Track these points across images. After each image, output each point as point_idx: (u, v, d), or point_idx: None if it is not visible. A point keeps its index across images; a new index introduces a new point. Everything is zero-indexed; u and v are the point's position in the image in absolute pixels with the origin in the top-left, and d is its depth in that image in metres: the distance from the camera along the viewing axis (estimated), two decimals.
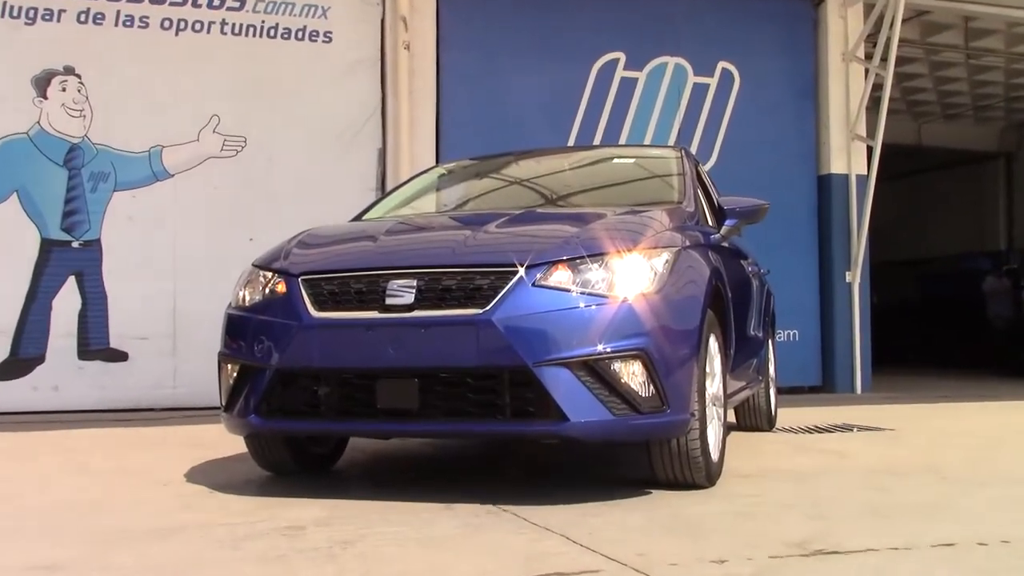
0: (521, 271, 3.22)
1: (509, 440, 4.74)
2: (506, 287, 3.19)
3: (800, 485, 3.74)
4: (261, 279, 3.63)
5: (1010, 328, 13.53)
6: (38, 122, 7.40)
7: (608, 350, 3.15)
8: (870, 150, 9.33)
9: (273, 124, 7.86)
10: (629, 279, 3.26)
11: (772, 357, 6.10)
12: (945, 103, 13.73)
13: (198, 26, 7.72)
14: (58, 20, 7.45)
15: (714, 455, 3.63)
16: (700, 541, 2.71)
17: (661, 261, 3.37)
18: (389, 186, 7.70)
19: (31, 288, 7.29)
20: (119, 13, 7.56)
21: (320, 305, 3.37)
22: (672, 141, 8.94)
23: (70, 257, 7.40)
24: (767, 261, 6.23)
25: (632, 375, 3.18)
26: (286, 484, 3.77)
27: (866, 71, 9.42)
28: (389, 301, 3.26)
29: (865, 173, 9.40)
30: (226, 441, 4.77)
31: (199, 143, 7.69)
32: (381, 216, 4.58)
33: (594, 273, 3.26)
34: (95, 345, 7.39)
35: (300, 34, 7.97)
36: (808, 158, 9.55)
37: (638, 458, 3.87)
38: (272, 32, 7.91)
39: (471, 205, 4.90)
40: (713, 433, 3.65)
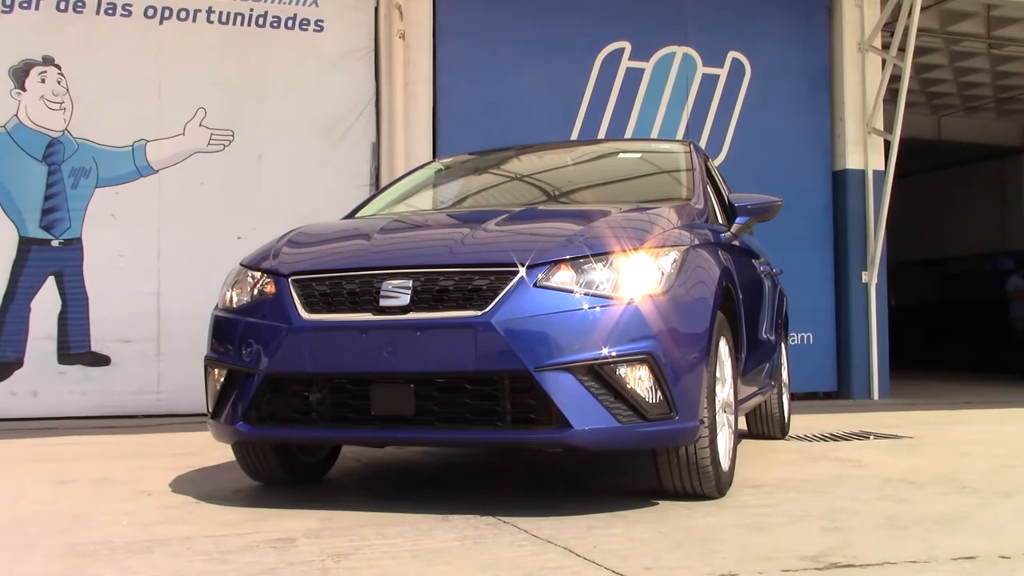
0: (522, 271, 3.22)
1: (509, 449, 4.74)
2: (506, 288, 3.19)
3: (814, 496, 3.74)
4: (249, 279, 3.63)
5: None
6: (16, 115, 7.40)
7: (613, 354, 3.15)
8: (887, 144, 9.34)
9: (262, 117, 7.86)
10: (635, 279, 3.26)
11: (785, 361, 6.10)
12: (966, 95, 13.73)
13: (183, 14, 7.73)
14: (37, 8, 7.46)
15: (724, 464, 3.63)
16: (709, 554, 2.70)
17: (669, 261, 3.37)
18: (383, 182, 7.71)
19: (8, 289, 7.30)
20: (101, 1, 7.57)
21: (311, 307, 3.37)
22: (680, 135, 8.95)
23: (50, 256, 7.41)
24: (780, 261, 6.23)
25: (639, 380, 3.18)
26: (276, 494, 3.76)
27: (883, 62, 9.43)
28: (383, 303, 3.26)
29: (882, 168, 9.41)
30: (213, 449, 4.77)
31: (185, 137, 7.70)
32: (375, 213, 4.58)
33: (598, 273, 3.26)
34: (76, 348, 7.39)
35: (290, 23, 7.98)
36: (823, 153, 9.55)
37: (645, 467, 3.87)
38: (261, 21, 7.91)
39: (469, 202, 4.90)
40: (723, 441, 3.65)
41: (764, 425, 5.79)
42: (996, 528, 3.15)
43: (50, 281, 7.40)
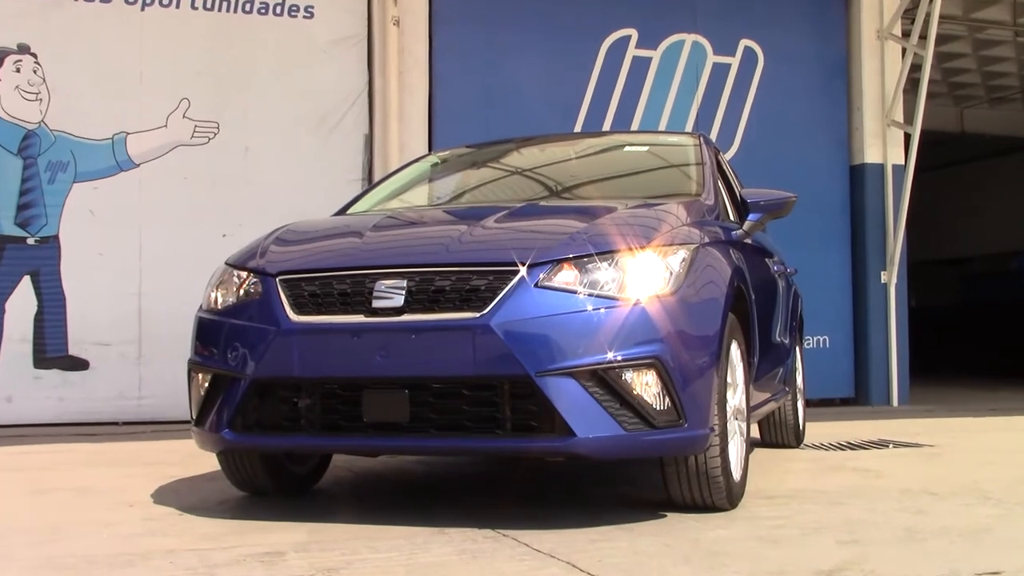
0: (522, 271, 3.22)
1: (509, 458, 4.74)
2: (506, 288, 3.19)
3: (830, 507, 3.74)
4: (235, 279, 3.63)
5: None
6: None
7: (619, 358, 3.15)
8: (908, 137, 9.33)
9: (249, 109, 7.86)
10: (642, 279, 3.26)
11: (800, 366, 6.10)
12: (990, 85, 13.73)
13: (166, 0, 7.73)
14: None
15: (736, 474, 3.63)
16: (720, 569, 2.70)
17: (677, 260, 3.37)
18: (376, 177, 7.70)
19: None
20: None
21: (300, 308, 3.37)
22: (689, 127, 8.95)
23: (25, 255, 7.40)
24: (794, 260, 6.23)
25: (646, 386, 3.18)
26: (263, 506, 3.76)
27: (903, 50, 9.43)
28: (376, 304, 3.27)
29: (902, 163, 9.40)
30: (197, 458, 4.77)
31: (167, 129, 7.70)
32: (368, 210, 4.58)
33: (603, 273, 3.26)
34: (52, 352, 7.39)
35: (279, 9, 7.98)
36: (839, 146, 9.55)
37: (652, 477, 3.87)
38: (248, 7, 7.92)
39: (467, 198, 4.90)
40: (735, 450, 3.65)
41: (778, 433, 5.79)
42: (1022, 541, 3.15)
43: (25, 281, 7.40)
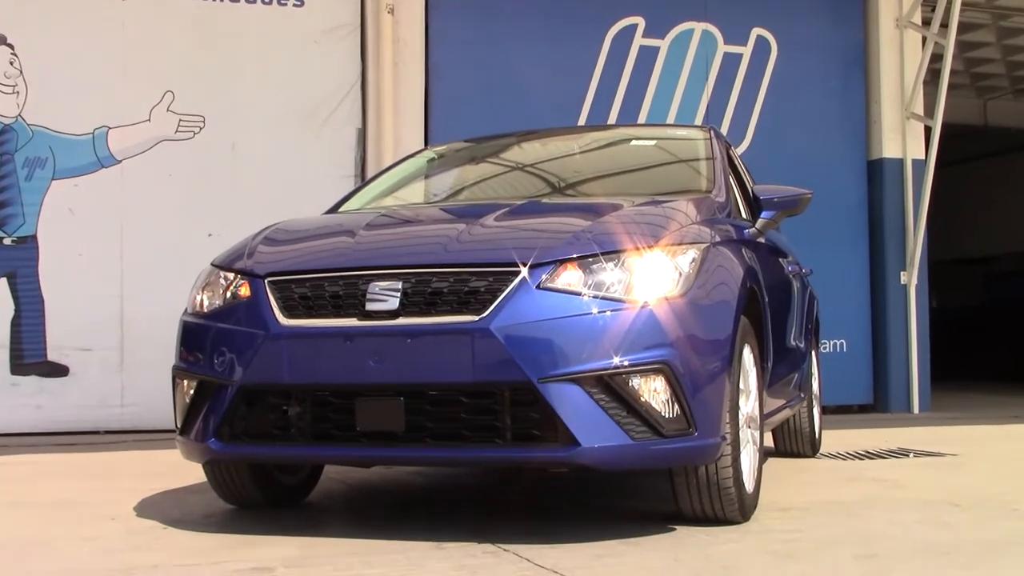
0: (524, 271, 3.22)
1: (510, 469, 4.73)
2: (506, 290, 3.19)
3: (847, 520, 3.73)
4: (222, 281, 3.63)
5: None
6: None
7: (626, 363, 3.14)
8: (928, 131, 9.33)
9: (236, 102, 7.86)
10: (650, 281, 3.26)
11: (816, 371, 6.10)
12: (1016, 76, 13.72)
13: None
14: None
15: (748, 485, 3.63)
16: None
17: (687, 260, 3.37)
18: (370, 173, 7.70)
19: None
20: None
21: (290, 311, 3.37)
22: (699, 120, 8.94)
23: (1, 256, 7.40)
24: (810, 260, 6.22)
25: (654, 392, 3.18)
26: (252, 519, 3.76)
27: (924, 39, 9.42)
28: (370, 307, 3.26)
29: (923, 157, 9.40)
30: (182, 469, 4.76)
31: (150, 124, 7.69)
32: (361, 208, 4.58)
33: (609, 274, 3.26)
34: (30, 358, 7.38)
35: None
36: (857, 140, 9.55)
37: (660, 489, 3.86)
38: None
39: (465, 195, 4.90)
40: (747, 460, 3.65)
41: (792, 442, 5.78)
42: None
43: (2, 283, 7.40)
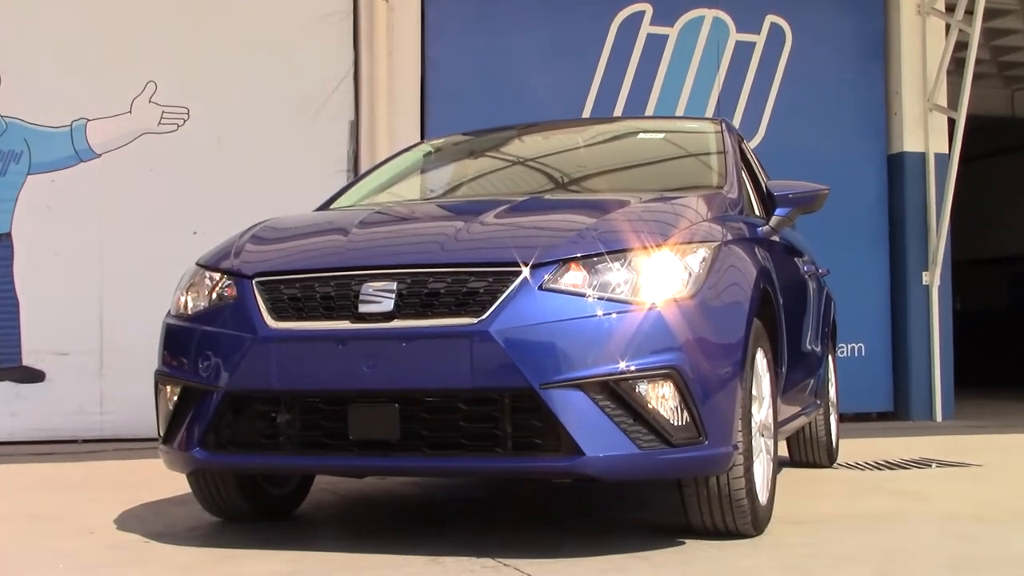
0: (525, 271, 3.22)
1: (510, 479, 4.73)
2: (507, 291, 3.19)
3: (867, 534, 3.73)
4: (207, 282, 3.64)
5: None
6: None
7: (632, 368, 3.15)
8: (952, 123, 9.33)
9: (222, 93, 7.86)
10: (658, 281, 3.26)
11: (833, 377, 6.10)
12: None
13: None
14: None
15: (762, 497, 3.63)
16: None
17: (697, 259, 3.37)
18: (363, 167, 7.70)
19: None
20: None
21: (279, 313, 3.37)
22: (710, 112, 8.95)
23: None
24: (827, 259, 6.22)
25: (662, 399, 3.18)
26: (238, 532, 3.76)
27: (947, 27, 9.42)
28: (363, 308, 3.27)
29: (946, 151, 9.39)
30: (165, 480, 4.76)
31: (132, 115, 7.70)
32: (353, 204, 4.58)
33: (615, 274, 3.26)
34: (5, 362, 7.39)
35: None
36: (876, 133, 9.54)
37: (669, 501, 3.86)
38: None
39: (463, 190, 4.91)
40: (761, 470, 3.65)
41: (808, 451, 5.78)
42: None
43: None
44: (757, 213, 4.47)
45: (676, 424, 3.19)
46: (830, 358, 5.97)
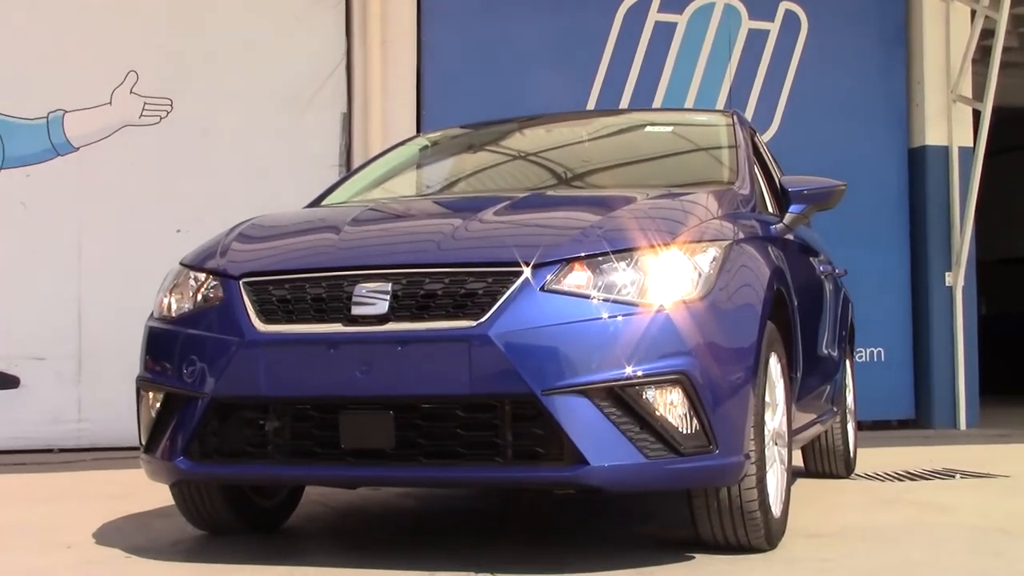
0: (526, 272, 3.23)
1: (510, 490, 4.74)
2: (507, 292, 3.20)
3: (886, 547, 3.74)
4: (192, 282, 3.65)
5: None
6: None
7: (639, 374, 3.15)
8: (977, 115, 9.33)
9: (207, 83, 7.86)
10: (666, 282, 3.27)
11: (851, 383, 6.10)
12: None
13: None
14: None
15: (775, 509, 3.64)
16: None
17: (707, 259, 3.38)
18: (356, 162, 7.71)
19: None
20: None
21: (268, 316, 3.38)
22: (721, 104, 8.95)
23: None
24: (844, 259, 6.23)
25: (670, 406, 3.19)
26: (224, 546, 3.77)
27: (972, 13, 9.42)
28: (356, 311, 3.27)
29: (971, 145, 9.39)
30: (147, 491, 4.77)
31: (112, 107, 7.70)
32: (346, 200, 4.59)
33: (621, 274, 3.27)
34: None
35: None
36: (897, 126, 9.54)
37: (677, 513, 3.87)
38: None
39: (461, 186, 4.91)
40: (774, 480, 3.66)
41: (824, 461, 5.79)
42: None
43: None
44: (770, 210, 4.48)
45: (685, 432, 3.20)
46: (848, 363, 5.98)
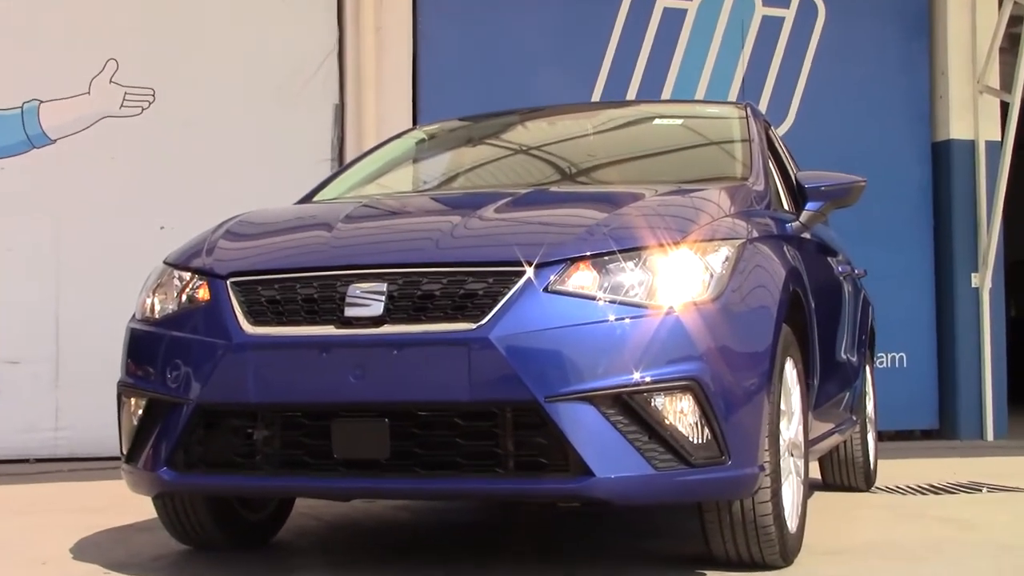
0: (529, 272, 3.23)
1: (512, 502, 4.74)
2: (508, 293, 3.20)
3: (908, 565, 3.74)
4: (176, 282, 3.65)
5: None
6: None
7: (648, 380, 3.16)
8: (1005, 107, 9.33)
9: (192, 72, 7.86)
10: (676, 283, 3.27)
11: (871, 390, 6.11)
12: None
13: None
14: None
15: (791, 523, 3.64)
16: None
17: (719, 259, 3.39)
18: (349, 156, 7.72)
19: None
20: None
21: (256, 318, 3.38)
22: (734, 96, 8.95)
23: None
24: (864, 259, 6.23)
25: (680, 414, 3.19)
26: (210, 562, 3.77)
27: (1000, 0, 9.42)
28: (350, 312, 3.28)
29: (998, 138, 9.39)
30: (128, 503, 4.77)
31: (90, 97, 7.70)
32: (339, 197, 4.60)
33: (628, 275, 3.27)
34: None
35: None
36: (919, 119, 9.54)
37: (688, 527, 3.87)
38: None
39: (460, 182, 4.92)
40: (790, 493, 3.66)
41: (843, 473, 5.79)
42: None
43: None
44: (786, 208, 4.48)
45: (696, 442, 3.20)
46: (868, 369, 5.98)
